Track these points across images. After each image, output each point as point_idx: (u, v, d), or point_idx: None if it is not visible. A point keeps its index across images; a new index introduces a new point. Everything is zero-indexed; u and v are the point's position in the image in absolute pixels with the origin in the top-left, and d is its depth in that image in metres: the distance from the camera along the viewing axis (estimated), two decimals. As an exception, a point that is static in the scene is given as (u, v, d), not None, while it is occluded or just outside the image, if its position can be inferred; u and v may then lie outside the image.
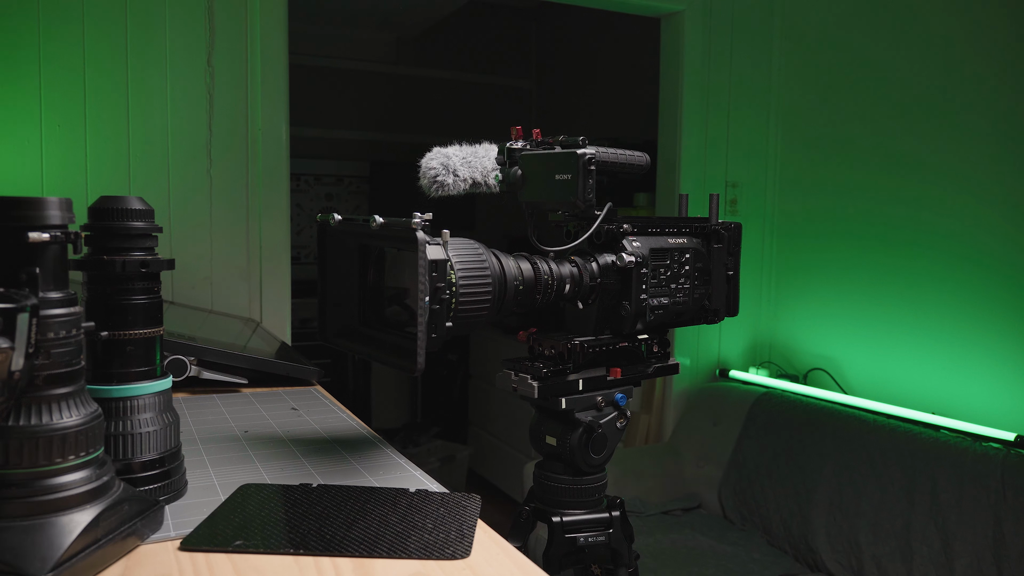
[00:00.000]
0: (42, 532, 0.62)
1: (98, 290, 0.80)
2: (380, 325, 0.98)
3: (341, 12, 4.07)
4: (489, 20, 4.52)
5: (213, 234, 2.03)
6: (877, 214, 2.38)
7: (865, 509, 2.03)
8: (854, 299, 2.48)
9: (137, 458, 0.79)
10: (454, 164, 0.98)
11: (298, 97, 2.46)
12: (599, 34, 3.96)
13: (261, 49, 2.05)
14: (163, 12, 1.93)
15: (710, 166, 2.70)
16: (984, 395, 2.10)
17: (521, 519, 1.05)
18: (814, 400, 2.38)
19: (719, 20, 2.68)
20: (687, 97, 2.64)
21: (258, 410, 1.22)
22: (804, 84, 2.69)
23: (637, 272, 1.01)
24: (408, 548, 0.71)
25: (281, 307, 2.12)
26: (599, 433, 1.00)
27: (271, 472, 0.93)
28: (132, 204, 0.80)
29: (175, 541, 0.72)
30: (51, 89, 1.83)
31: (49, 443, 0.64)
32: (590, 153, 0.95)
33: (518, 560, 0.72)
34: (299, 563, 0.69)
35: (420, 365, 0.80)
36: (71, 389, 0.66)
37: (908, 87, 2.31)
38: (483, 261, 0.88)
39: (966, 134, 2.15)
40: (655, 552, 2.14)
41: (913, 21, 2.31)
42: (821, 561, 2.08)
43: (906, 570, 1.90)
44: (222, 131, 2.02)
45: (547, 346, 1.01)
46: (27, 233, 0.64)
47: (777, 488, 2.28)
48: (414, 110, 4.44)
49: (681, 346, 2.70)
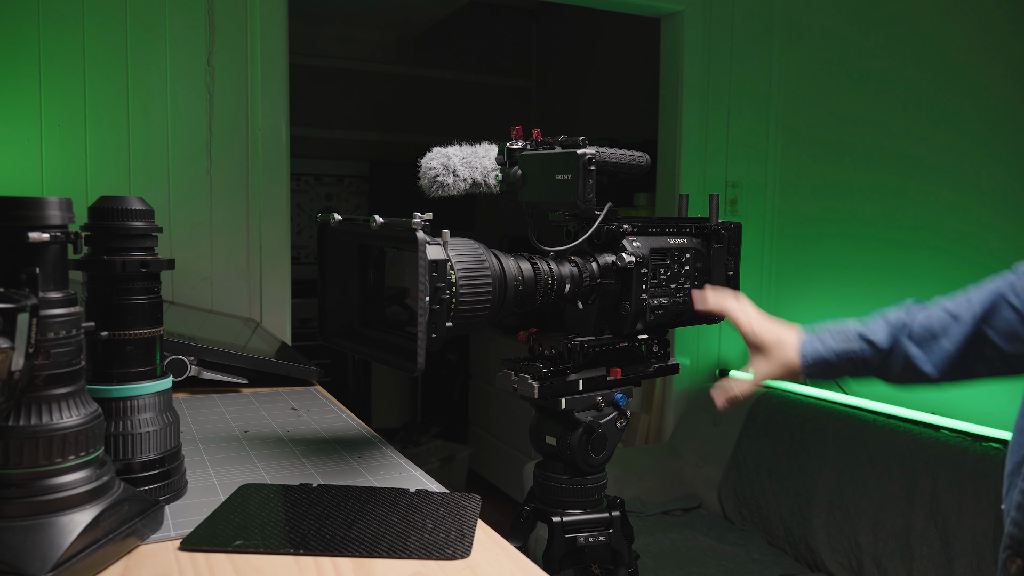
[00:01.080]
0: (42, 532, 0.62)
1: (98, 290, 0.80)
2: (380, 325, 0.99)
3: (341, 12, 4.07)
4: (489, 20, 4.52)
5: (213, 234, 2.03)
6: (877, 214, 2.38)
7: (865, 509, 2.03)
8: (854, 299, 2.48)
9: (137, 458, 0.79)
10: (454, 164, 0.98)
11: (298, 97, 2.46)
12: (599, 34, 3.96)
13: (261, 49, 2.04)
14: (163, 12, 1.93)
15: (710, 166, 2.70)
16: (984, 395, 2.10)
17: (521, 519, 1.05)
18: (814, 400, 2.38)
19: (719, 20, 2.68)
20: (687, 97, 2.64)
21: (258, 410, 1.22)
22: (804, 84, 2.68)
23: (637, 272, 1.01)
24: (408, 548, 0.71)
25: (281, 307, 2.12)
26: (599, 433, 1.00)
27: (271, 472, 0.93)
28: (132, 204, 0.80)
29: (175, 541, 0.72)
30: (51, 89, 1.83)
31: (49, 443, 0.64)
32: (590, 153, 0.95)
33: (518, 560, 0.72)
34: (299, 563, 0.69)
35: (420, 365, 0.80)
36: (71, 389, 0.66)
37: (908, 87, 2.31)
38: (483, 261, 0.88)
39: (966, 134, 2.15)
40: (655, 552, 2.14)
41: (913, 21, 2.31)
42: (821, 561, 2.08)
43: (906, 570, 1.90)
44: (222, 131, 2.02)
45: (547, 346, 1.01)
46: (27, 233, 0.64)
47: (777, 488, 2.28)
48: (414, 110, 4.44)
49: (681, 346, 2.70)
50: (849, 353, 0.93)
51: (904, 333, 0.91)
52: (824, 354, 0.94)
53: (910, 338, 0.91)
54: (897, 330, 0.92)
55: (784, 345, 0.97)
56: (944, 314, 0.90)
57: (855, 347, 0.93)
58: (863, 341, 0.93)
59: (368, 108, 4.42)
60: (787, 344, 0.97)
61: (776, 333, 0.98)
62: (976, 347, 0.87)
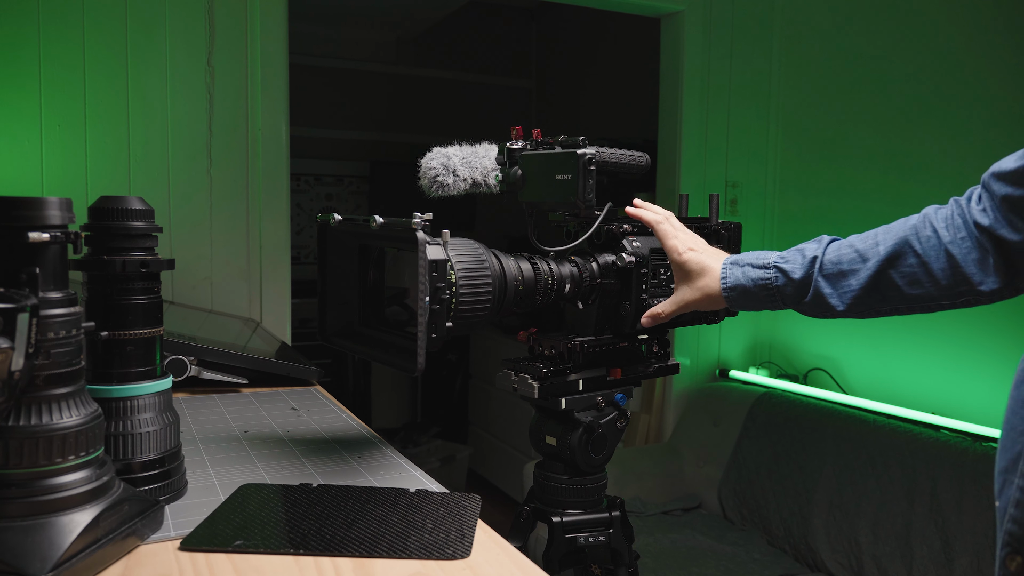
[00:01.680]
0: (42, 532, 0.62)
1: (98, 290, 0.80)
2: (380, 325, 0.99)
3: (341, 12, 4.07)
4: (489, 20, 4.52)
5: (213, 234, 2.03)
6: (877, 214, 2.37)
7: (865, 509, 2.03)
8: (854, 299, 2.47)
9: (137, 458, 0.79)
10: (454, 164, 0.98)
11: (298, 97, 2.46)
12: (599, 34, 3.96)
13: (261, 49, 2.05)
14: (163, 12, 1.93)
15: (710, 166, 2.70)
16: (984, 395, 2.10)
17: (521, 519, 1.05)
18: (814, 400, 2.38)
19: (719, 20, 2.68)
20: (687, 97, 2.64)
21: (258, 410, 1.22)
22: (804, 84, 2.68)
23: (637, 272, 1.01)
24: (408, 548, 0.71)
25: (281, 307, 2.12)
26: (599, 433, 1.00)
27: (271, 472, 0.93)
28: (132, 204, 0.80)
29: (175, 541, 0.72)
30: (51, 89, 1.83)
31: (49, 443, 0.64)
32: (590, 153, 0.95)
33: (518, 560, 0.72)
34: (299, 563, 0.69)
35: (420, 365, 0.80)
36: (71, 389, 0.66)
37: (907, 87, 2.31)
38: (483, 261, 0.88)
39: (966, 134, 2.15)
40: (655, 552, 2.14)
41: (912, 21, 2.31)
42: (821, 561, 2.08)
43: (906, 570, 1.90)
44: (222, 131, 2.02)
45: (547, 346, 1.01)
46: (27, 233, 0.64)
47: (777, 488, 2.28)
48: (414, 110, 4.44)
49: (681, 346, 2.70)
50: (765, 281, 0.96)
51: (815, 267, 0.94)
52: (743, 281, 0.97)
53: (821, 272, 0.94)
54: (809, 263, 0.95)
55: (706, 273, 0.99)
56: (853, 252, 0.93)
57: (770, 276, 0.96)
58: (778, 271, 0.96)
59: (368, 108, 4.42)
60: (710, 272, 0.99)
61: (700, 261, 1.00)
62: (879, 288, 0.91)
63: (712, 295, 0.98)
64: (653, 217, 1.02)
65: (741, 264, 0.98)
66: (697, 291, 0.99)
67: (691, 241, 1.01)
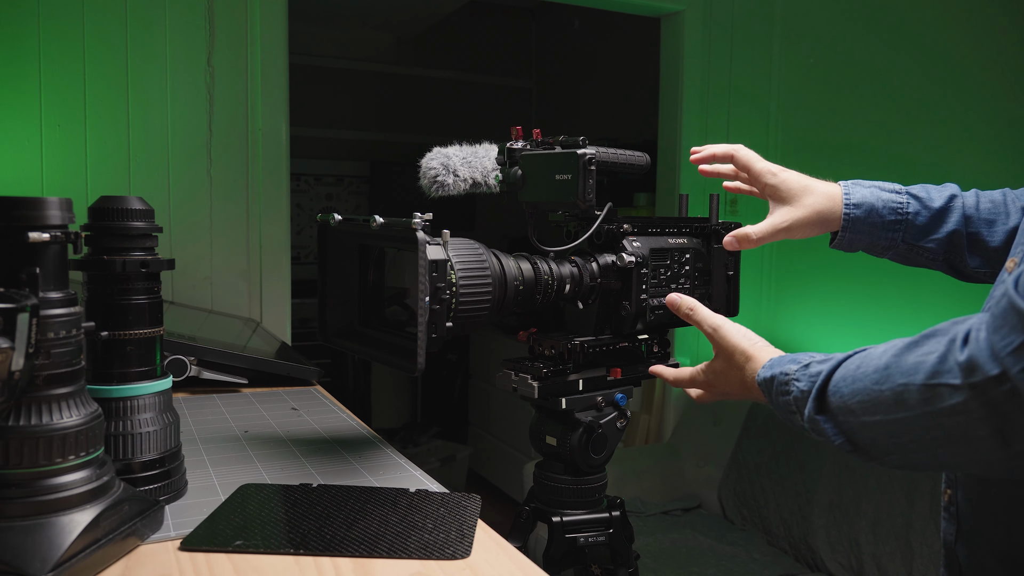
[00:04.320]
0: (42, 532, 0.62)
1: (98, 290, 0.80)
2: (380, 325, 0.99)
3: (341, 12, 4.07)
4: (489, 20, 4.51)
5: (213, 234, 2.03)
6: (877, 214, 2.38)
7: (865, 509, 2.03)
8: (854, 299, 2.48)
9: (137, 458, 0.79)
10: (454, 164, 0.98)
11: (298, 97, 2.46)
12: (599, 34, 3.96)
13: (261, 49, 2.04)
14: (163, 12, 1.93)
15: (710, 166, 2.69)
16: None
17: (521, 519, 1.05)
18: (814, 400, 2.38)
19: (719, 20, 2.68)
20: (687, 97, 2.64)
21: (258, 410, 1.22)
22: (804, 84, 2.68)
23: (637, 272, 1.01)
24: (408, 548, 0.71)
25: (281, 307, 2.12)
26: (599, 433, 1.00)
27: (271, 472, 0.93)
28: (132, 204, 0.80)
29: (175, 541, 0.72)
30: (51, 89, 1.83)
31: (49, 443, 0.64)
32: (590, 153, 0.95)
33: (518, 560, 0.72)
34: (299, 563, 0.69)
35: (420, 365, 0.80)
36: (71, 389, 0.66)
37: (908, 87, 2.31)
38: (483, 261, 0.88)
39: (966, 134, 2.15)
40: (655, 552, 2.14)
41: (912, 22, 2.30)
42: (821, 561, 2.08)
43: (906, 570, 1.90)
44: (222, 131, 2.02)
45: (547, 346, 1.01)
46: (27, 233, 0.64)
47: (777, 488, 2.28)
48: (414, 110, 4.44)
49: (681, 346, 2.70)
50: (897, 204, 0.87)
51: (961, 201, 0.88)
52: (870, 199, 0.87)
53: (963, 209, 0.88)
54: (949, 198, 0.88)
55: (811, 191, 0.88)
56: (997, 196, 0.88)
57: (902, 200, 0.88)
58: (911, 197, 0.88)
59: (368, 108, 4.42)
60: (814, 190, 0.88)
61: (801, 179, 0.90)
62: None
63: (821, 212, 0.88)
64: (728, 147, 0.95)
65: (865, 185, 0.89)
66: (805, 208, 0.89)
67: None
